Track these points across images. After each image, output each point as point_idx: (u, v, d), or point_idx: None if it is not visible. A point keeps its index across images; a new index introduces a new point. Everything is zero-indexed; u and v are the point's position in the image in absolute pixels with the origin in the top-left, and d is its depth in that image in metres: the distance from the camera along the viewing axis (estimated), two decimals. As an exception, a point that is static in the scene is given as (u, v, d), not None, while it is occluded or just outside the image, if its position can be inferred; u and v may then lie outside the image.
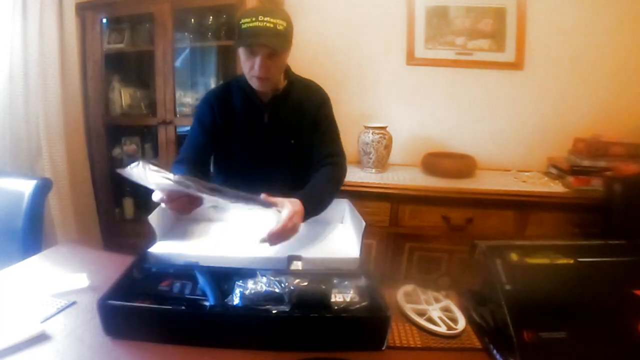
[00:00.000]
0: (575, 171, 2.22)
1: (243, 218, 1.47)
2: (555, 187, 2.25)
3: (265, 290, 0.97)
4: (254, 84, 1.39)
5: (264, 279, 1.01)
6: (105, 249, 2.62)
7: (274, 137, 1.50)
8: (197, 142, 1.49)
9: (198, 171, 1.40)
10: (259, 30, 1.27)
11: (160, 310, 0.94)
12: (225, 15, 2.47)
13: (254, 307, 0.95)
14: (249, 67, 1.35)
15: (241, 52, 1.36)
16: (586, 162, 2.22)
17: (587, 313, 0.92)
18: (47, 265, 1.31)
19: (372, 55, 2.70)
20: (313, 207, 1.28)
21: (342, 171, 1.50)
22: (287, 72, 1.52)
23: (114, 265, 1.24)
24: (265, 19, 1.27)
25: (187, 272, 1.09)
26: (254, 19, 1.27)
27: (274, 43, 1.29)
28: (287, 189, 1.48)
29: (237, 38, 1.34)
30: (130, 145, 2.75)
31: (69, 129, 2.41)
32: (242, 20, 1.29)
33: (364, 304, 0.98)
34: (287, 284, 0.99)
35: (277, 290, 0.97)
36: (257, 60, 1.31)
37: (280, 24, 1.29)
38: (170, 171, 1.37)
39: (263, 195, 1.16)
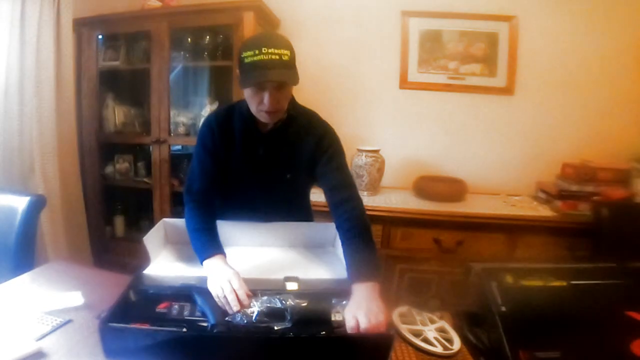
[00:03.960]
0: (564, 196, 2.26)
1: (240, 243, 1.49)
2: (544, 211, 2.28)
3: (267, 307, 0.98)
4: (263, 117, 1.31)
5: (264, 297, 1.01)
6: (96, 266, 2.59)
7: (270, 169, 1.44)
8: (207, 168, 1.42)
9: (213, 203, 1.40)
10: (265, 64, 1.18)
11: (163, 332, 0.92)
12: (222, 36, 2.50)
13: (256, 324, 0.95)
14: (257, 102, 1.26)
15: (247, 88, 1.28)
16: (574, 187, 2.26)
17: (581, 333, 0.94)
18: (41, 282, 1.30)
19: (365, 78, 2.74)
20: (377, 273, 1.18)
21: (362, 208, 1.33)
22: (291, 102, 1.40)
23: (108, 284, 1.24)
24: (270, 50, 1.18)
25: (184, 293, 1.08)
26: (257, 52, 1.18)
27: (283, 76, 1.22)
28: (281, 215, 1.50)
29: (241, 73, 1.25)
30: (123, 163, 2.75)
31: (62, 146, 2.41)
32: (245, 54, 1.20)
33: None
34: (287, 302, 0.99)
35: (278, 305, 0.98)
36: (266, 95, 1.23)
37: (285, 54, 1.20)
38: (184, 207, 1.37)
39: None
